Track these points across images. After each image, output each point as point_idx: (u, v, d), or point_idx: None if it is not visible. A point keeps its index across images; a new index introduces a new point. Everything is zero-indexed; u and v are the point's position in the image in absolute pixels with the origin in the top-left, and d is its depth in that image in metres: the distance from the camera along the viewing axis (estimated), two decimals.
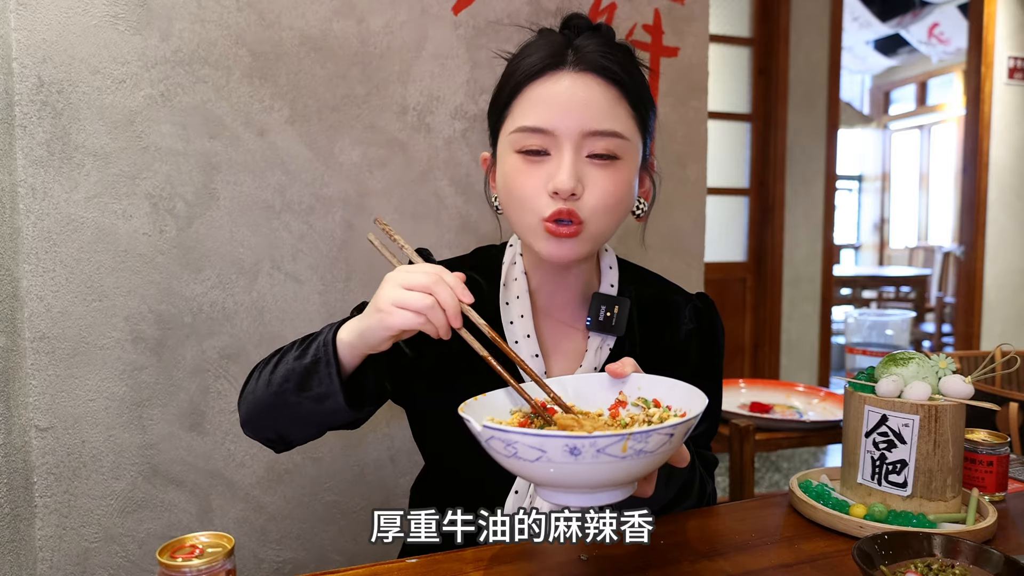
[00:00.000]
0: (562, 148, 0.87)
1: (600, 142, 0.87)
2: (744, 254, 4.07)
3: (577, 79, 0.88)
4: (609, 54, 0.90)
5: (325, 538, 1.55)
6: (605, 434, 0.59)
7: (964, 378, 0.89)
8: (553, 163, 0.87)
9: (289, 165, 1.45)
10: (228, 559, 0.66)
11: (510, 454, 0.62)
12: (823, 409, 1.88)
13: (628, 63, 0.92)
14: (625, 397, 0.81)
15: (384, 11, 1.50)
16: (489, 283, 1.00)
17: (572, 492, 0.65)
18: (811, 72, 4.05)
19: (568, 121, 0.86)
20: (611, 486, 0.65)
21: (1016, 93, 4.52)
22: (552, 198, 0.86)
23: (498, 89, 0.95)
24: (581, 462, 0.60)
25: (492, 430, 0.63)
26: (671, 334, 1.02)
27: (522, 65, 0.91)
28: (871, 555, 0.72)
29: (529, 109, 0.88)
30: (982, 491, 0.96)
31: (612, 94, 0.88)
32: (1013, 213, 4.60)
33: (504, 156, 0.92)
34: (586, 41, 0.90)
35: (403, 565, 0.78)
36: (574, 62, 0.88)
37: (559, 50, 0.90)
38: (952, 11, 5.96)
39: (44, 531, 1.33)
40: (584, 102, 0.87)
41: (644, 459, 0.62)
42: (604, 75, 0.88)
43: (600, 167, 0.88)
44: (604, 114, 0.87)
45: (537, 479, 0.65)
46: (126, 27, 1.32)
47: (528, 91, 0.89)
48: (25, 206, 1.28)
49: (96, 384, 1.34)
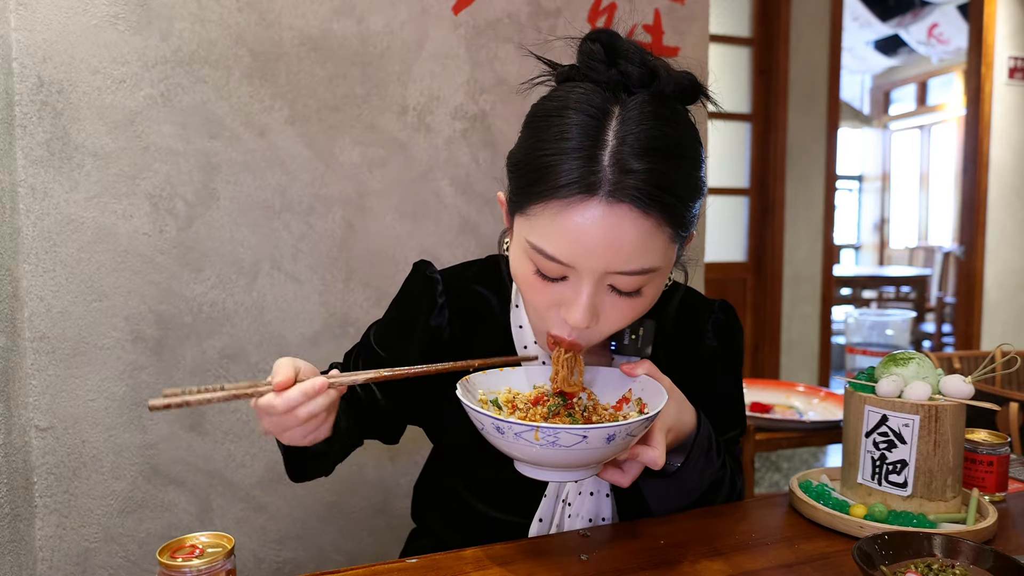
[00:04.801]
0: (581, 281, 0.75)
1: (626, 280, 0.76)
2: (744, 254, 4.07)
3: (609, 213, 0.71)
4: (655, 176, 0.72)
5: (325, 538, 1.55)
6: (520, 422, 0.71)
7: (964, 378, 0.89)
8: (570, 290, 0.77)
9: (289, 165, 1.45)
10: (228, 559, 0.66)
11: (480, 427, 0.74)
12: (823, 409, 1.88)
13: (680, 163, 0.75)
14: (630, 395, 0.84)
15: (384, 11, 1.50)
16: (501, 301, 0.97)
17: (526, 465, 0.76)
18: (811, 72, 4.05)
19: (592, 260, 0.73)
20: (550, 466, 0.74)
21: (1016, 93, 4.52)
22: (563, 320, 0.78)
23: (522, 158, 0.78)
24: (506, 440, 0.71)
25: (468, 407, 0.73)
26: (695, 350, 1.00)
27: (551, 168, 0.73)
28: (871, 555, 0.72)
29: (551, 235, 0.74)
30: (982, 491, 0.96)
31: (649, 224, 0.73)
32: (1013, 213, 4.60)
33: (519, 250, 0.80)
34: (631, 152, 0.72)
35: (403, 565, 0.78)
36: (610, 191, 0.71)
37: (595, 159, 0.72)
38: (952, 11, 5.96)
39: (44, 531, 1.33)
40: (614, 243, 0.72)
41: (560, 451, 0.70)
42: (643, 205, 0.72)
43: (622, 299, 0.78)
44: (636, 252, 0.74)
45: (500, 449, 0.75)
46: (126, 27, 1.32)
47: (551, 208, 0.73)
48: (25, 206, 1.28)
49: (96, 384, 1.34)
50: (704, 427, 0.88)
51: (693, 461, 0.86)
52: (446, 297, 0.97)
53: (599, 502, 0.92)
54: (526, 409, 0.82)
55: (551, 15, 1.66)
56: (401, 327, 0.99)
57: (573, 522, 0.91)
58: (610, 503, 0.93)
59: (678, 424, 0.83)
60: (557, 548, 0.83)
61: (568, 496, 0.91)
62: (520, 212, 0.78)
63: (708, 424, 0.90)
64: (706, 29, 1.88)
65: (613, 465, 0.80)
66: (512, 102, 1.60)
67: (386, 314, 1.03)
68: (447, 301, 0.97)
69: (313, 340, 1.50)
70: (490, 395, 0.84)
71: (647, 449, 0.77)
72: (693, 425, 0.86)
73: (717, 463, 0.91)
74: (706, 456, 0.88)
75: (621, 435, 0.70)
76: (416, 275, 1.00)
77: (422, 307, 0.97)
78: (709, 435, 0.89)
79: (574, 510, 0.91)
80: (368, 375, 0.78)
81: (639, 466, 0.79)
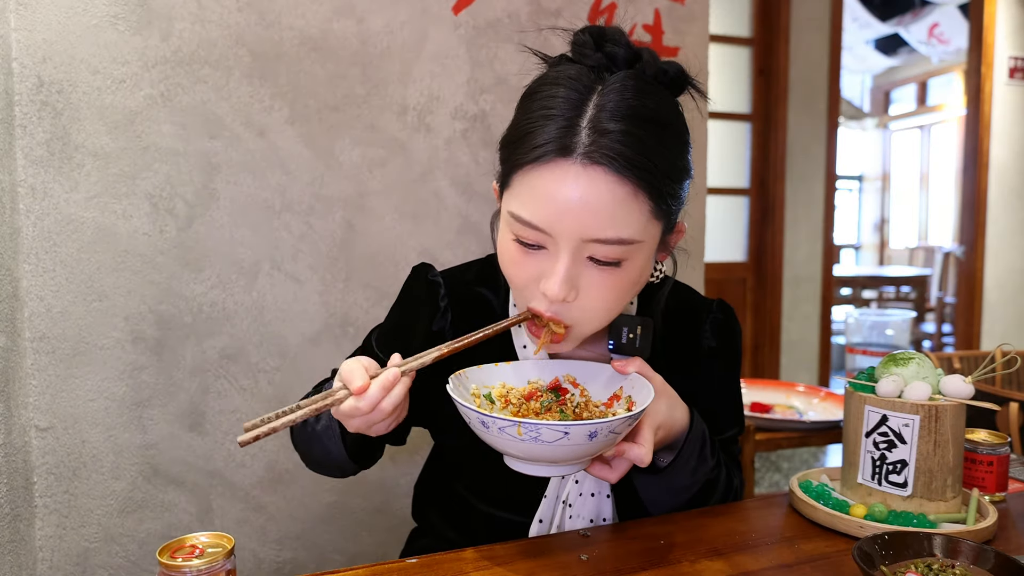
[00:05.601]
0: (559, 250, 0.76)
1: (602, 249, 0.75)
2: (744, 254, 4.07)
3: (582, 175, 0.73)
4: (632, 139, 0.73)
5: (325, 538, 1.55)
6: (503, 417, 0.71)
7: (964, 378, 0.89)
8: (548, 260, 0.77)
9: (289, 165, 1.45)
10: (228, 559, 0.66)
11: (467, 421, 0.75)
12: (823, 409, 1.88)
13: (661, 133, 0.76)
14: (621, 392, 0.84)
15: (384, 11, 1.50)
16: (502, 302, 0.97)
17: (514, 459, 0.77)
18: (811, 72, 4.05)
19: (567, 225, 0.74)
20: (535, 461, 0.74)
21: (1016, 93, 4.52)
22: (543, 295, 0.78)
23: (509, 137, 0.80)
24: (491, 434, 0.72)
25: (456, 402, 0.74)
26: (693, 349, 1.00)
27: (532, 134, 0.76)
28: (871, 555, 0.72)
29: (527, 200, 0.76)
30: (982, 491, 0.96)
31: (625, 191, 0.73)
32: (1013, 213, 4.60)
33: (504, 225, 0.82)
34: (608, 115, 0.74)
35: (403, 565, 0.78)
36: (585, 152, 0.72)
37: (574, 123, 0.74)
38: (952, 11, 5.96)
39: (44, 531, 1.33)
40: (588, 206, 0.73)
41: (543, 446, 0.70)
42: (618, 169, 0.72)
43: (601, 270, 0.77)
44: (611, 219, 0.74)
45: (488, 443, 0.76)
46: (126, 27, 1.32)
47: (529, 174, 0.75)
48: (25, 206, 1.28)
49: (96, 384, 1.34)
50: (697, 426, 0.87)
51: (684, 459, 0.86)
52: (448, 300, 0.97)
53: (599, 503, 0.92)
54: (519, 404, 0.82)
55: (551, 15, 1.66)
56: (403, 332, 0.99)
57: (574, 523, 0.91)
58: (611, 504, 0.92)
59: (669, 422, 0.83)
60: (557, 548, 0.83)
61: (568, 497, 0.91)
62: (506, 188, 0.80)
63: (702, 423, 0.89)
64: (706, 29, 1.88)
65: (601, 461, 0.80)
66: (512, 102, 1.58)
67: (387, 318, 1.03)
68: (449, 304, 0.97)
69: (313, 340, 1.50)
70: (484, 389, 0.84)
71: (634, 446, 0.77)
72: (685, 423, 0.86)
73: (711, 462, 0.90)
74: (699, 455, 0.88)
75: (603, 432, 0.70)
76: (417, 279, 1.00)
77: (424, 312, 0.97)
78: (702, 434, 0.89)
79: (575, 511, 0.91)
80: (433, 354, 0.78)
81: (627, 463, 0.79)
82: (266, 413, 0.71)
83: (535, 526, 0.92)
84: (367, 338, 1.02)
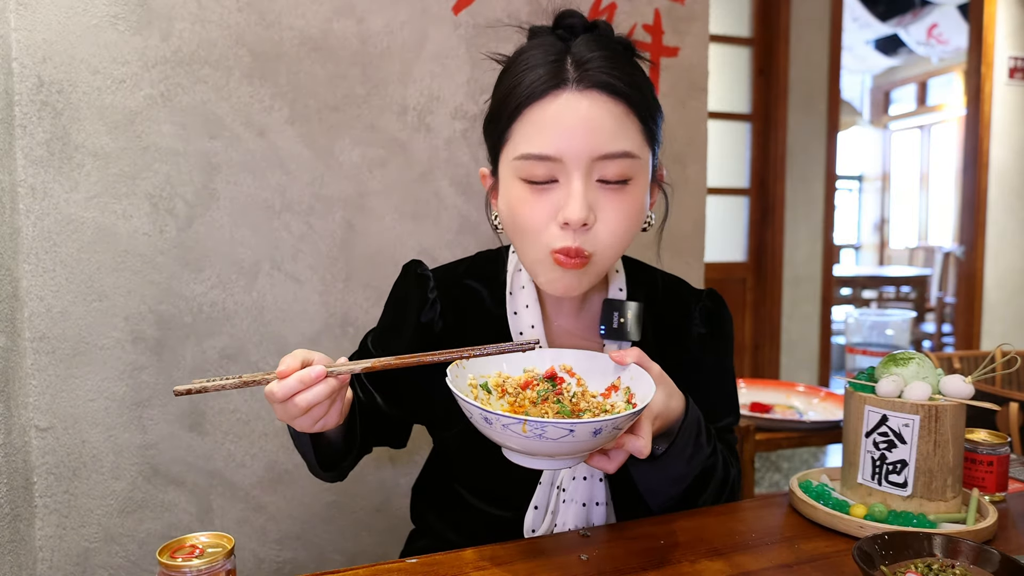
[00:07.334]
0: (571, 175, 0.81)
1: (611, 166, 0.81)
2: (744, 254, 4.07)
3: (582, 99, 0.80)
4: (614, 66, 0.82)
5: (325, 538, 1.55)
6: (508, 415, 0.69)
7: (964, 378, 0.89)
8: (562, 191, 0.82)
9: (289, 165, 1.45)
10: (228, 559, 0.66)
11: (468, 416, 0.74)
12: (823, 409, 1.88)
13: (633, 70, 0.85)
14: (619, 383, 0.84)
15: (384, 11, 1.50)
16: (493, 293, 0.98)
17: (514, 452, 0.76)
18: (811, 72, 4.05)
19: (576, 146, 0.80)
20: (537, 455, 0.74)
21: (1016, 93, 4.52)
22: (562, 229, 0.82)
23: (496, 106, 0.87)
24: (494, 430, 0.71)
25: (459, 398, 0.73)
26: (683, 336, 1.01)
27: (522, 83, 0.83)
28: (871, 555, 0.72)
29: (533, 134, 0.81)
30: (982, 491, 0.96)
31: (620, 110, 0.82)
32: (1013, 213, 4.60)
33: (508, 183, 0.86)
34: (586, 51, 0.83)
35: (403, 565, 0.78)
36: (577, 79, 0.81)
37: (559, 64, 0.82)
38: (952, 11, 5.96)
39: (44, 531, 1.33)
40: (592, 123, 0.80)
41: (547, 443, 0.70)
42: (610, 91, 0.81)
43: (612, 192, 0.82)
44: (614, 134, 0.81)
45: (488, 437, 0.75)
46: (126, 27, 1.32)
47: (529, 113, 0.82)
48: (25, 206, 1.28)
49: (96, 384, 1.34)
50: (692, 413, 0.87)
51: (679, 447, 0.85)
52: (437, 292, 0.98)
53: (592, 486, 0.92)
54: (515, 393, 0.82)
55: (551, 15, 1.65)
56: (395, 329, 1.00)
57: (568, 507, 0.91)
58: (604, 487, 0.93)
59: (666, 411, 0.83)
60: (557, 548, 0.83)
61: (562, 482, 0.92)
62: (505, 142, 0.85)
63: (697, 411, 0.89)
64: (706, 29, 1.88)
65: (600, 452, 0.80)
66: None
67: (380, 319, 1.04)
68: (438, 296, 0.98)
69: (313, 340, 1.50)
70: (480, 379, 0.84)
71: (633, 438, 0.77)
72: (681, 411, 0.86)
73: (707, 449, 0.90)
74: (695, 442, 0.87)
75: (608, 429, 0.70)
76: (406, 275, 1.01)
77: (413, 305, 0.98)
78: (698, 422, 0.88)
79: (568, 495, 0.91)
80: (364, 364, 0.77)
81: (625, 454, 0.79)
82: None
83: (530, 513, 0.92)
84: (363, 340, 1.03)
